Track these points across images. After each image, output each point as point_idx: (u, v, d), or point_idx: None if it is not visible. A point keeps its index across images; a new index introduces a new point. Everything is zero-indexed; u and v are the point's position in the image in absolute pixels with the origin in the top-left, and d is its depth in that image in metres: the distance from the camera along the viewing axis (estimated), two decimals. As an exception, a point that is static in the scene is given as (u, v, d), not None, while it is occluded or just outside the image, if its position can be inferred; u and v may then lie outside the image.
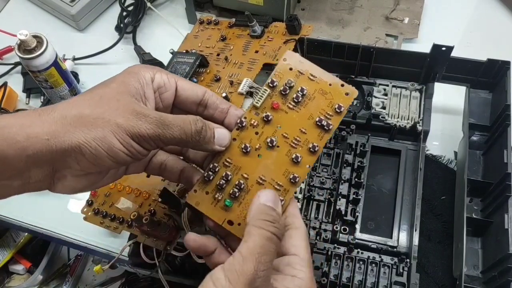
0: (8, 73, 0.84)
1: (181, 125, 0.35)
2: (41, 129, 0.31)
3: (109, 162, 0.33)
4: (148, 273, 0.59)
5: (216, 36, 0.68)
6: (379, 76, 0.61)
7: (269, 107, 0.40)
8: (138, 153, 0.34)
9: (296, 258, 0.36)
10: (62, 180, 0.34)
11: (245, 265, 0.31)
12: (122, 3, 0.86)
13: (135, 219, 0.48)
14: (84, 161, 0.33)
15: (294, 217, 0.38)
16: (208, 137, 0.37)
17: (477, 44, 0.76)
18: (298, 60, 0.40)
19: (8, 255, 1.14)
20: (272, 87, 0.40)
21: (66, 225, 0.68)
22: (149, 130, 0.33)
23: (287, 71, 0.40)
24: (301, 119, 0.39)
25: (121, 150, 0.33)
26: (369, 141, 0.58)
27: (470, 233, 0.52)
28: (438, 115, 0.66)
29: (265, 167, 0.39)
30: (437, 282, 0.53)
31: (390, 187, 0.57)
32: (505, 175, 0.49)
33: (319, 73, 0.40)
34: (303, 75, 0.40)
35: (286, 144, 0.39)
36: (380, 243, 0.52)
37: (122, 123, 0.33)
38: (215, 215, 0.39)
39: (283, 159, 0.39)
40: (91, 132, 0.32)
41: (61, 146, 0.32)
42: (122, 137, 0.33)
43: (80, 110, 0.33)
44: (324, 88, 0.39)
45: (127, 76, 0.36)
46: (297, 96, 0.39)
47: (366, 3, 0.81)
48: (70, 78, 0.70)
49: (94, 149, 0.32)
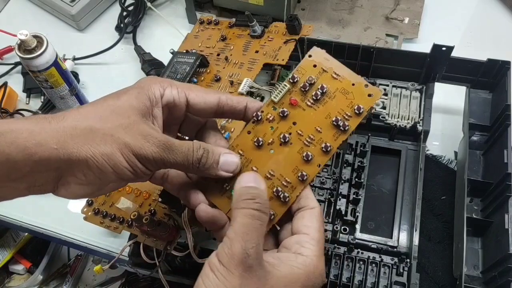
0: (8, 73, 0.84)
1: (185, 152, 0.35)
2: (50, 137, 0.32)
3: (113, 177, 0.34)
4: (148, 273, 0.59)
5: (216, 36, 0.68)
6: (379, 76, 0.61)
7: (287, 103, 0.39)
8: (141, 172, 0.35)
9: (306, 236, 0.36)
10: (66, 186, 0.34)
11: (233, 246, 0.32)
12: (122, 3, 0.86)
13: (135, 219, 0.48)
14: (90, 174, 0.33)
15: (307, 199, 0.38)
16: (209, 163, 0.36)
17: (477, 44, 0.76)
18: (324, 57, 0.39)
19: (8, 255, 1.14)
20: (292, 83, 0.39)
21: (66, 225, 0.68)
22: (155, 154, 0.34)
23: (311, 67, 0.39)
24: (318, 118, 0.38)
25: (126, 168, 0.34)
26: (369, 141, 0.58)
27: (470, 233, 0.52)
28: (438, 115, 0.66)
29: (276, 162, 0.38)
30: (437, 282, 0.53)
31: (390, 187, 0.57)
32: (505, 175, 0.49)
33: (343, 71, 0.39)
34: (326, 72, 0.39)
35: (299, 142, 0.38)
36: (380, 243, 0.52)
37: (130, 142, 0.33)
38: (221, 204, 0.39)
39: (294, 156, 0.38)
40: (100, 148, 0.33)
41: (69, 157, 0.32)
42: (129, 156, 0.33)
43: (90, 123, 0.33)
44: (346, 88, 0.38)
45: (139, 92, 0.36)
46: (316, 94, 0.38)
47: (366, 3, 0.81)
48: (70, 78, 0.70)
49: (100, 164, 0.33)
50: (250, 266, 0.31)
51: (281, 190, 0.38)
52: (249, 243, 0.32)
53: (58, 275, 1.23)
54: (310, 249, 0.35)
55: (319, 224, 0.37)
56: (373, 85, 0.38)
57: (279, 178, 0.38)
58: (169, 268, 0.59)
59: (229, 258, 0.32)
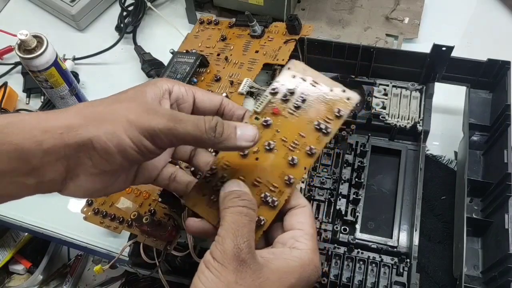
0: (8, 73, 0.84)
1: (195, 121, 0.34)
2: (56, 123, 0.32)
3: (120, 159, 0.33)
4: (148, 273, 0.59)
5: (216, 36, 0.68)
6: (379, 76, 0.61)
7: (269, 112, 0.40)
8: (148, 151, 0.34)
9: (300, 232, 0.36)
10: (75, 180, 0.34)
11: (225, 243, 0.32)
12: (122, 3, 0.86)
13: (135, 219, 0.48)
14: (96, 157, 0.33)
15: (298, 198, 0.38)
16: (227, 133, 0.35)
17: (477, 44, 0.76)
18: (302, 68, 0.41)
19: (8, 255, 1.14)
20: (273, 93, 0.40)
21: (66, 225, 0.68)
22: (160, 125, 0.33)
23: (290, 78, 0.40)
24: (301, 124, 0.39)
25: (130, 147, 0.33)
26: (369, 141, 0.58)
27: (470, 233, 0.52)
28: (438, 115, 0.65)
29: (262, 170, 0.39)
30: (437, 282, 0.53)
31: (390, 187, 0.57)
32: (505, 175, 0.49)
33: (321, 79, 0.40)
34: (305, 82, 0.40)
35: (284, 148, 0.39)
36: (380, 243, 0.52)
37: (133, 119, 0.33)
38: (209, 216, 0.39)
39: (280, 162, 0.39)
40: (102, 127, 0.33)
41: (74, 140, 0.32)
42: (132, 133, 0.33)
43: (95, 108, 0.34)
44: (325, 94, 0.39)
45: (145, 86, 0.37)
46: (297, 102, 0.39)
47: (366, 3, 0.81)
48: (70, 78, 0.70)
49: (104, 143, 0.32)
50: (244, 260, 0.32)
51: (269, 195, 0.38)
52: (240, 238, 0.33)
53: (58, 275, 1.23)
54: (305, 243, 0.35)
55: (312, 221, 0.37)
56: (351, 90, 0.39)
57: (266, 184, 0.38)
58: (169, 268, 0.59)
59: (222, 254, 0.32)
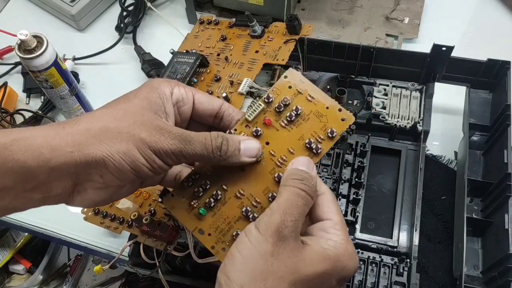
0: (8, 73, 0.84)
1: (203, 141, 0.35)
2: (65, 141, 0.32)
3: (132, 176, 0.34)
4: (148, 273, 0.59)
5: (216, 36, 0.68)
6: (379, 76, 0.61)
7: (261, 122, 0.39)
8: (159, 168, 0.35)
9: (329, 222, 0.36)
10: (82, 194, 0.34)
11: (272, 216, 0.33)
12: (122, 3, 0.86)
13: (135, 219, 0.48)
14: (108, 175, 0.33)
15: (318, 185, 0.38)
16: (231, 151, 0.36)
17: (477, 44, 0.76)
18: (299, 79, 0.39)
19: (8, 255, 1.14)
20: (267, 103, 0.39)
21: (66, 225, 0.68)
22: (172, 146, 0.34)
23: (286, 88, 0.39)
24: (291, 139, 0.38)
25: (144, 165, 0.34)
26: (369, 141, 0.58)
27: (470, 233, 0.52)
28: (438, 115, 0.66)
29: (246, 182, 0.38)
30: (437, 282, 0.53)
31: (390, 187, 0.57)
32: (505, 175, 0.49)
33: (318, 94, 0.39)
34: (302, 94, 0.39)
35: (271, 162, 0.38)
36: (380, 243, 0.52)
37: (146, 138, 0.33)
38: (187, 222, 0.39)
39: (265, 177, 0.38)
40: (116, 146, 0.32)
41: (85, 158, 0.32)
42: (146, 152, 0.33)
43: (105, 123, 0.33)
44: (321, 111, 0.38)
45: (149, 91, 0.37)
46: (291, 115, 0.38)
47: (366, 3, 0.81)
48: (70, 78, 0.69)
49: (118, 162, 0.33)
50: (285, 237, 0.32)
51: (251, 210, 0.38)
52: (289, 216, 0.33)
53: (58, 275, 1.23)
54: (337, 234, 0.35)
55: (336, 207, 0.37)
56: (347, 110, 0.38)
57: (249, 197, 0.38)
58: (169, 268, 0.59)
59: (266, 226, 0.32)
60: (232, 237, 0.38)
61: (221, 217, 0.38)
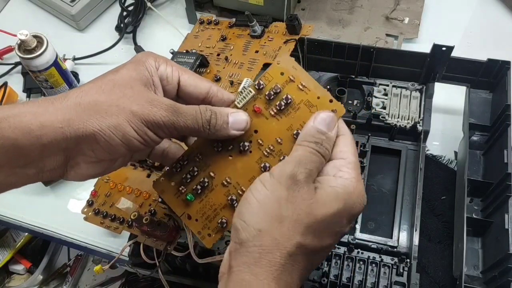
0: (8, 73, 0.84)
1: (193, 114, 0.35)
2: (55, 117, 0.31)
3: (123, 149, 0.34)
4: (148, 273, 0.59)
5: (216, 36, 0.68)
6: (379, 76, 0.61)
7: (250, 110, 0.38)
8: (151, 140, 0.34)
9: (343, 161, 0.36)
10: (76, 168, 0.34)
11: (287, 164, 0.34)
12: (122, 3, 0.86)
13: (135, 219, 0.48)
14: (99, 149, 0.33)
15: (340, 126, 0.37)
16: (220, 124, 0.36)
17: (477, 44, 0.76)
18: (292, 66, 0.38)
19: (8, 255, 1.14)
20: (258, 89, 0.38)
21: (66, 225, 0.68)
22: (164, 118, 0.34)
23: (278, 75, 0.38)
24: (280, 129, 0.38)
25: (135, 138, 0.33)
26: (369, 141, 0.58)
27: (470, 233, 0.52)
28: (438, 115, 0.66)
29: (234, 170, 0.38)
30: (437, 282, 0.53)
31: (390, 187, 0.57)
32: (505, 175, 0.49)
33: (309, 83, 0.38)
34: (293, 82, 0.38)
35: (259, 151, 0.38)
36: (380, 243, 0.52)
37: (137, 110, 0.33)
38: (176, 206, 0.39)
39: (252, 166, 0.38)
40: (106, 120, 0.32)
41: (76, 134, 0.32)
42: (137, 124, 0.33)
43: (94, 97, 0.33)
44: (311, 100, 0.38)
45: (137, 63, 0.36)
46: (280, 104, 0.38)
47: (366, 3, 0.81)
48: (70, 78, 0.70)
49: (108, 137, 0.32)
50: (299, 181, 0.33)
51: (236, 199, 0.38)
52: (302, 165, 0.34)
53: (58, 275, 1.23)
54: (348, 172, 0.35)
55: (354, 149, 0.37)
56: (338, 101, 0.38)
57: (235, 186, 0.38)
58: (169, 268, 0.59)
59: (281, 172, 0.33)
60: (218, 224, 0.38)
61: (207, 204, 0.39)
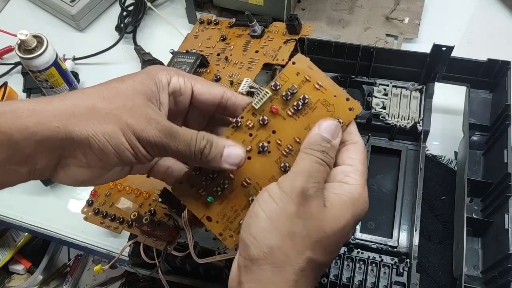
0: (8, 73, 0.84)
1: (188, 141, 0.34)
2: (51, 116, 0.31)
3: (115, 159, 0.33)
4: (148, 273, 0.59)
5: (216, 36, 0.68)
6: (379, 76, 0.61)
7: (267, 111, 0.38)
8: (143, 156, 0.34)
9: (350, 167, 0.36)
10: (65, 169, 0.34)
11: (297, 179, 0.33)
12: (122, 3, 0.86)
13: (135, 219, 0.48)
14: (91, 155, 0.33)
15: (351, 134, 0.38)
16: (213, 155, 0.35)
17: (477, 44, 0.76)
18: (308, 66, 0.38)
19: (8, 255, 1.14)
20: (274, 90, 0.38)
21: (66, 225, 0.68)
22: (156, 138, 0.33)
23: (294, 75, 0.38)
24: (298, 128, 0.38)
25: (128, 150, 0.33)
26: (369, 141, 0.58)
27: (470, 233, 0.52)
28: (438, 115, 0.66)
29: (253, 171, 0.38)
30: (437, 282, 0.53)
31: (390, 187, 0.57)
32: (505, 175, 0.49)
33: (326, 82, 0.38)
34: (309, 82, 0.38)
35: (277, 151, 0.38)
36: (380, 243, 0.52)
37: (132, 124, 0.33)
38: (196, 209, 0.39)
39: (272, 166, 0.38)
40: (102, 126, 0.32)
41: (70, 135, 0.32)
42: (130, 137, 0.33)
43: (93, 102, 0.33)
44: (328, 99, 0.38)
45: (145, 76, 0.36)
46: (298, 104, 0.38)
47: (366, 3, 0.81)
48: (70, 78, 0.70)
49: (102, 143, 0.32)
50: (310, 197, 0.33)
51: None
52: (312, 179, 0.33)
53: (58, 275, 1.23)
54: (355, 179, 0.35)
55: (363, 158, 0.37)
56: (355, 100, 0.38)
57: (255, 186, 0.38)
58: (169, 268, 0.59)
59: (291, 186, 0.33)
60: (239, 225, 0.38)
61: (228, 205, 0.38)
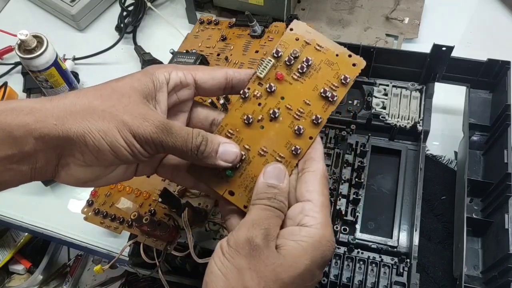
0: (8, 73, 0.84)
1: (184, 137, 0.35)
2: (50, 114, 0.32)
3: (111, 157, 0.34)
4: (148, 273, 0.59)
5: (216, 36, 0.68)
6: (379, 76, 0.61)
7: (273, 78, 0.39)
8: (139, 153, 0.34)
9: (309, 204, 0.35)
10: (66, 168, 0.34)
11: (240, 230, 0.33)
12: (122, 3, 0.86)
13: (135, 219, 0.47)
14: (87, 152, 0.33)
15: (311, 160, 0.37)
16: (208, 152, 0.36)
17: (477, 44, 0.76)
18: (305, 30, 0.39)
19: (8, 255, 1.14)
20: (276, 58, 0.39)
21: (66, 225, 0.68)
22: (153, 134, 0.33)
23: (293, 41, 0.39)
24: (306, 91, 0.38)
25: (123, 147, 0.33)
26: (369, 141, 0.58)
27: (470, 233, 0.52)
28: (438, 115, 0.66)
29: (267, 139, 0.38)
30: (437, 282, 0.53)
31: (390, 187, 0.57)
32: (505, 175, 0.49)
33: (326, 43, 0.39)
34: (310, 45, 0.39)
35: (289, 116, 0.38)
36: (380, 243, 0.52)
37: (128, 121, 0.33)
38: (216, 185, 0.39)
39: (285, 131, 0.38)
40: (97, 124, 0.32)
41: (67, 133, 0.32)
42: (126, 134, 0.33)
43: (90, 100, 0.33)
44: (331, 59, 0.38)
45: (143, 75, 0.36)
46: (302, 67, 0.38)
47: (366, 3, 0.81)
48: (70, 78, 0.70)
49: (97, 140, 0.33)
50: (257, 245, 0.32)
51: None
52: (257, 226, 0.33)
53: (58, 275, 1.23)
54: (314, 217, 0.34)
55: (322, 187, 0.36)
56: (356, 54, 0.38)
57: (273, 154, 0.38)
58: (169, 268, 0.59)
59: (235, 240, 0.33)
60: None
61: (248, 176, 0.38)
